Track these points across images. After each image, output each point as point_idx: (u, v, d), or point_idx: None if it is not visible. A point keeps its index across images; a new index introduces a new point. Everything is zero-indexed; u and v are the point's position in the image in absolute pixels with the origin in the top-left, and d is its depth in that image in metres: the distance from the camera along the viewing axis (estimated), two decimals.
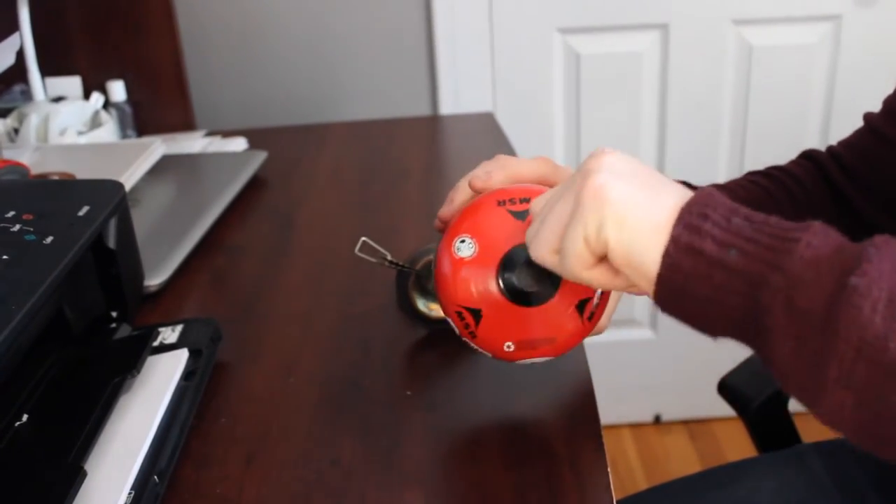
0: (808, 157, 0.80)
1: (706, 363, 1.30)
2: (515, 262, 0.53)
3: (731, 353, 0.96)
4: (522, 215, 0.54)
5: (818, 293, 0.39)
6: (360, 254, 0.66)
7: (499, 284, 0.54)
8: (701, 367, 1.41)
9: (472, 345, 0.56)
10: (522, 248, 0.53)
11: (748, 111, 1.76)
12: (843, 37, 1.70)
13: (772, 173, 0.79)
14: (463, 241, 0.54)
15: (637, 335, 1.91)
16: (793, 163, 0.80)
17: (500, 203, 0.55)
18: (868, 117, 0.77)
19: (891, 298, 0.38)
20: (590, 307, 0.55)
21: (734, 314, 0.42)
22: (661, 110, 1.76)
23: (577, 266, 0.46)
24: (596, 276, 0.47)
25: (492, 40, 1.69)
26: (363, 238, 0.67)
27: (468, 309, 0.54)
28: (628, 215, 0.44)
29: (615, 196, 0.44)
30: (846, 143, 0.78)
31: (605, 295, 0.56)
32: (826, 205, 0.76)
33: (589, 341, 0.61)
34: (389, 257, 0.67)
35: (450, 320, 0.56)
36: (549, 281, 0.53)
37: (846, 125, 1.87)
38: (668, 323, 0.51)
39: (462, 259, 0.54)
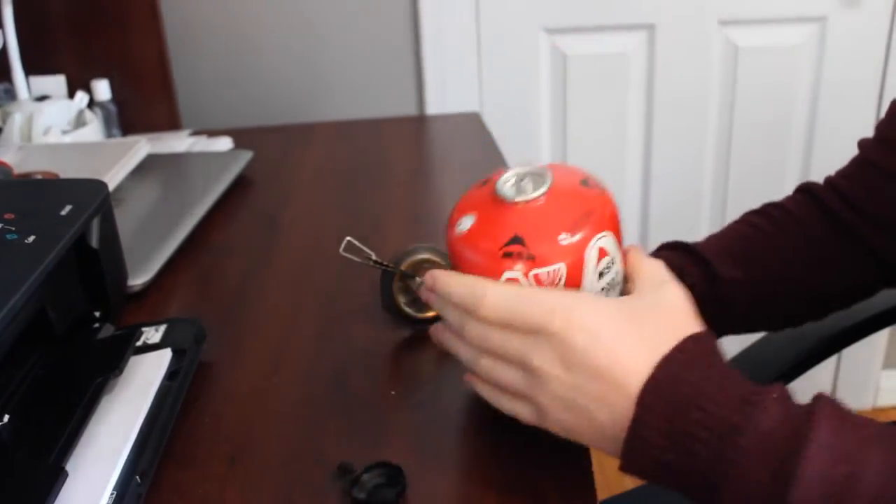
0: (804, 190, 0.80)
1: None
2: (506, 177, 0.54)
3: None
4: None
5: None
6: (344, 253, 0.66)
7: (500, 196, 0.52)
8: None
9: (535, 282, 0.52)
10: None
11: (734, 111, 1.77)
12: (829, 38, 1.71)
13: (765, 210, 0.80)
14: (459, 224, 0.54)
15: None
16: (788, 198, 0.81)
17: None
18: (862, 145, 0.78)
19: None
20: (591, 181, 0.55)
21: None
22: (647, 110, 1.77)
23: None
24: None
25: (478, 40, 1.69)
26: (348, 238, 0.67)
27: (510, 242, 0.51)
28: (576, 438, 0.50)
29: (568, 438, 0.50)
30: (843, 174, 0.78)
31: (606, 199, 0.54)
32: (826, 236, 0.76)
33: None
34: (374, 257, 0.67)
35: (508, 276, 0.51)
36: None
37: (831, 125, 1.88)
38: None
39: (465, 232, 0.53)
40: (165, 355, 0.63)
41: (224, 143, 1.28)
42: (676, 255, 0.75)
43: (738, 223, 0.80)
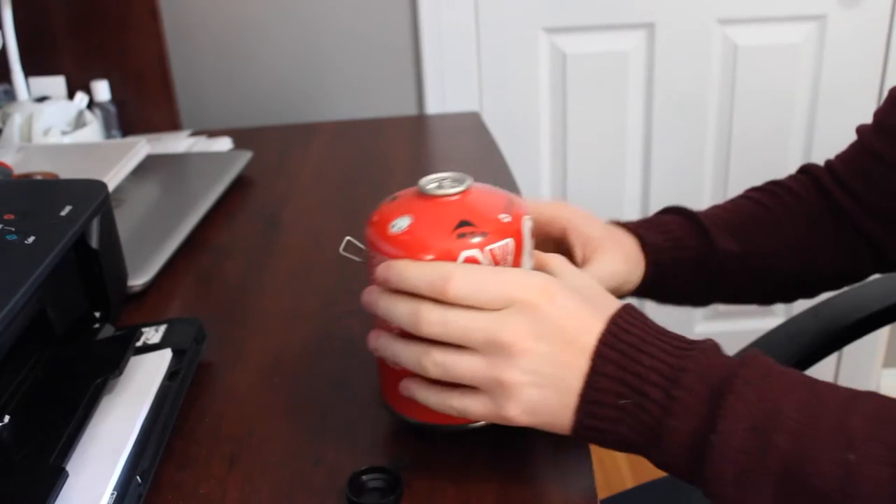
0: (805, 171, 0.81)
1: None
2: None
3: None
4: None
5: None
6: (344, 253, 0.66)
7: (431, 194, 0.54)
8: None
9: (490, 255, 0.52)
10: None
11: (734, 110, 1.77)
12: (828, 36, 1.71)
13: (767, 188, 0.81)
14: (393, 226, 0.53)
15: None
16: (790, 177, 0.82)
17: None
18: (860, 130, 0.78)
19: None
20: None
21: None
22: (647, 109, 1.77)
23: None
24: None
25: (478, 40, 1.69)
26: (348, 237, 0.67)
27: (461, 225, 0.52)
28: (537, 424, 0.50)
29: (525, 421, 0.50)
30: (842, 158, 0.79)
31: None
32: (823, 217, 0.77)
33: None
34: None
35: (466, 255, 0.51)
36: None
37: (830, 124, 1.88)
38: (655, 317, 0.52)
39: (405, 229, 0.53)
40: (165, 355, 0.63)
41: (224, 144, 1.28)
42: (678, 221, 0.76)
43: (740, 197, 0.81)
